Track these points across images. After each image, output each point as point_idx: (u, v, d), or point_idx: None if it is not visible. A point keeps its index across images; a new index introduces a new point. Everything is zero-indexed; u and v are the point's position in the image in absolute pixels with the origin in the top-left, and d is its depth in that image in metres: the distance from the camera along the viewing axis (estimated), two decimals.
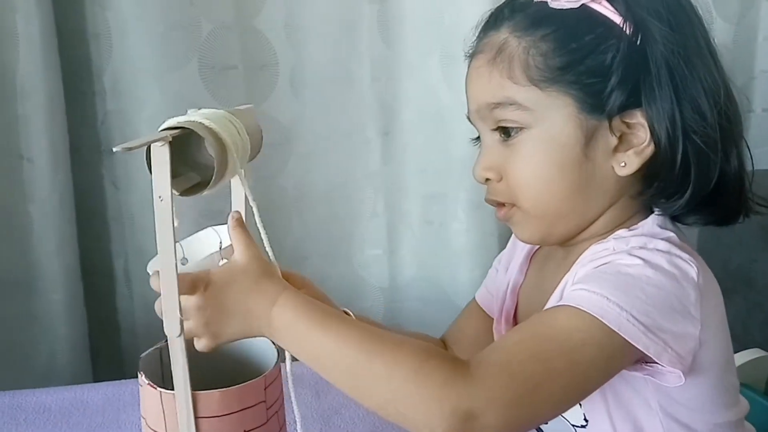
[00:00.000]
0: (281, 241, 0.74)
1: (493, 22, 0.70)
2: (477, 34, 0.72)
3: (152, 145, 0.54)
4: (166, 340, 0.65)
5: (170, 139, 0.54)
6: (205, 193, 0.61)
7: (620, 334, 0.58)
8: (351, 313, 0.74)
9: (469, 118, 0.72)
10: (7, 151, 1.08)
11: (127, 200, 1.16)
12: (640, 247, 0.63)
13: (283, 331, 0.59)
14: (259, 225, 0.62)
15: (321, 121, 1.21)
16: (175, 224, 0.56)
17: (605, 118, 0.64)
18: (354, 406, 0.91)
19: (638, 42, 0.64)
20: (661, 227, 0.67)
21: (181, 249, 0.65)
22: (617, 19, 0.64)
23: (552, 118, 0.65)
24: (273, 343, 0.66)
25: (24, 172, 1.08)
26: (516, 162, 0.67)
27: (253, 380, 0.61)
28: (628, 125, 0.65)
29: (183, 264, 0.63)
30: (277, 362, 0.64)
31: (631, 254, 0.62)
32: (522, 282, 0.79)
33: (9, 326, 1.13)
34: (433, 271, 1.28)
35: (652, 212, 0.69)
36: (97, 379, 1.17)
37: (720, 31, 1.23)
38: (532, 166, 0.66)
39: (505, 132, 0.67)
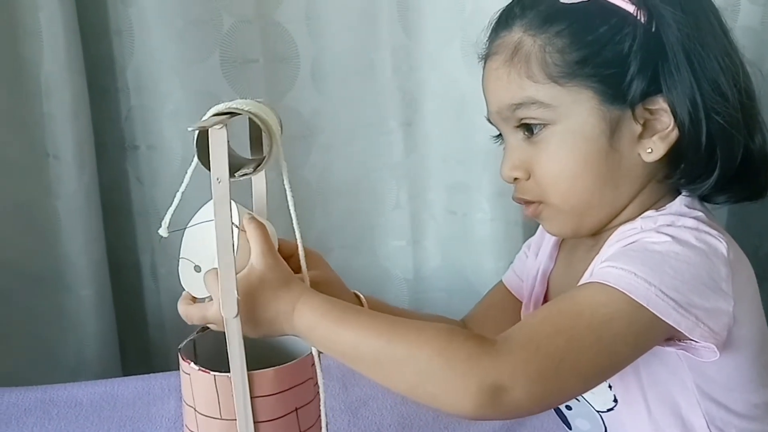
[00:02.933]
0: (305, 233, 0.75)
1: (504, 21, 0.69)
2: (488, 35, 0.72)
3: (211, 128, 0.55)
4: (200, 331, 0.66)
5: (227, 123, 0.56)
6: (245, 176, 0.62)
7: (649, 309, 0.58)
8: (362, 296, 0.74)
9: (489, 120, 0.72)
10: (33, 149, 1.09)
11: (152, 195, 1.17)
12: (668, 225, 0.63)
13: (308, 334, 0.60)
14: (292, 211, 0.62)
15: (343, 112, 1.21)
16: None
17: (628, 107, 0.65)
18: (381, 398, 0.91)
19: (653, 28, 0.64)
20: (688, 207, 0.67)
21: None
22: (630, 7, 0.64)
23: (575, 113, 0.65)
24: None
25: (50, 169, 1.09)
26: (542, 159, 0.67)
27: (303, 357, 0.62)
28: (650, 111, 0.65)
29: (197, 271, 0.63)
30: None
31: (658, 231, 0.62)
32: (552, 268, 0.79)
33: (38, 322, 1.15)
34: (457, 262, 1.27)
35: (680, 194, 0.68)
36: (125, 373, 1.19)
37: (747, 14, 1.21)
38: (559, 162, 0.67)
39: (529, 129, 0.68)
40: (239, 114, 0.59)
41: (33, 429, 0.89)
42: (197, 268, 0.63)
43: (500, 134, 0.73)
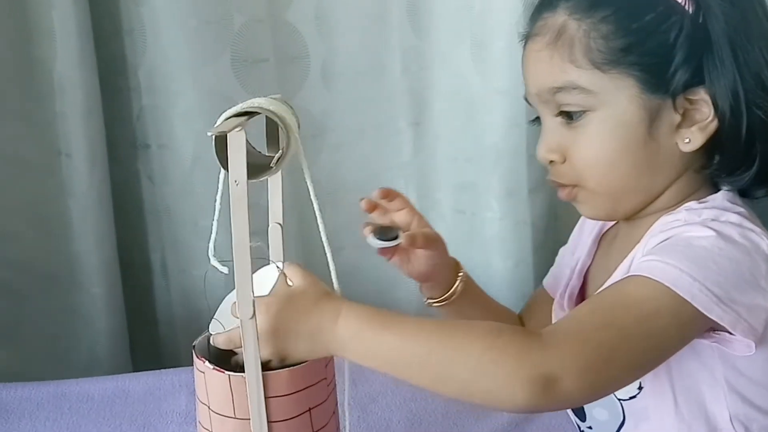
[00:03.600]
0: (315, 232, 0.76)
1: (548, 2, 0.69)
2: (531, 15, 0.72)
3: (230, 132, 0.56)
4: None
5: (245, 125, 0.57)
6: (264, 177, 0.63)
7: (693, 303, 0.59)
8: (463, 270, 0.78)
9: (526, 99, 0.72)
10: (46, 148, 1.10)
11: (162, 194, 1.17)
12: (712, 219, 0.64)
13: (352, 342, 0.60)
14: (316, 206, 0.64)
15: (352, 112, 1.21)
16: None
17: (669, 96, 0.65)
18: (391, 395, 0.92)
19: (700, 19, 0.64)
20: (731, 202, 0.67)
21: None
22: None
23: (615, 100, 0.65)
24: None
25: (62, 167, 1.10)
26: (580, 144, 0.68)
27: (317, 358, 0.63)
28: (690, 101, 0.65)
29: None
30: None
31: (703, 226, 0.62)
32: (590, 264, 0.80)
33: (50, 319, 1.16)
34: (465, 261, 1.26)
35: (719, 188, 0.69)
36: (136, 369, 1.19)
37: None
38: (597, 148, 0.67)
39: (568, 116, 0.68)
40: (257, 114, 0.60)
41: (45, 423, 0.90)
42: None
43: (537, 117, 0.73)
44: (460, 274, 0.80)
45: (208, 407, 0.62)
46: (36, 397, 0.95)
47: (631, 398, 0.71)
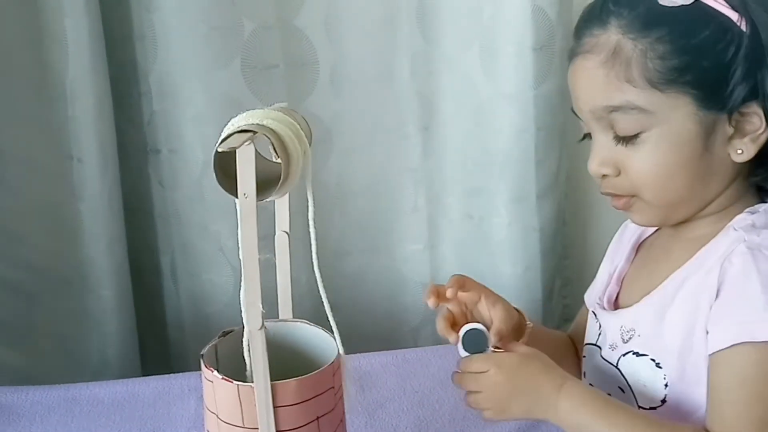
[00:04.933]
0: (323, 237, 0.76)
1: (598, 18, 0.69)
2: (577, 29, 0.71)
3: (239, 148, 0.56)
4: (221, 335, 0.67)
5: (254, 138, 0.57)
6: (270, 198, 0.63)
7: None
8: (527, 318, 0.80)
9: (574, 112, 0.73)
10: (58, 152, 1.11)
11: (173, 198, 1.18)
12: None
13: (569, 414, 0.67)
14: (311, 223, 0.63)
15: (361, 117, 1.22)
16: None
17: (725, 112, 0.66)
18: (398, 400, 0.92)
19: (753, 35, 0.64)
20: None
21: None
22: (732, 14, 0.64)
23: (672, 118, 0.66)
24: (328, 332, 0.68)
25: (74, 171, 1.11)
26: (636, 160, 0.68)
27: (325, 367, 0.63)
28: (741, 114, 0.66)
29: None
30: (338, 350, 0.66)
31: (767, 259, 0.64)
32: (627, 270, 0.81)
33: (61, 322, 1.17)
34: (474, 266, 1.28)
35: (763, 191, 0.71)
36: (145, 373, 1.20)
37: None
38: (654, 164, 0.68)
39: (624, 137, 0.68)
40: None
41: (56, 427, 0.91)
42: None
43: (587, 134, 0.73)
44: (528, 325, 0.81)
45: (217, 416, 0.62)
46: (47, 401, 0.96)
47: (651, 408, 0.72)
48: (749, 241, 0.66)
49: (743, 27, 0.64)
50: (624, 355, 0.74)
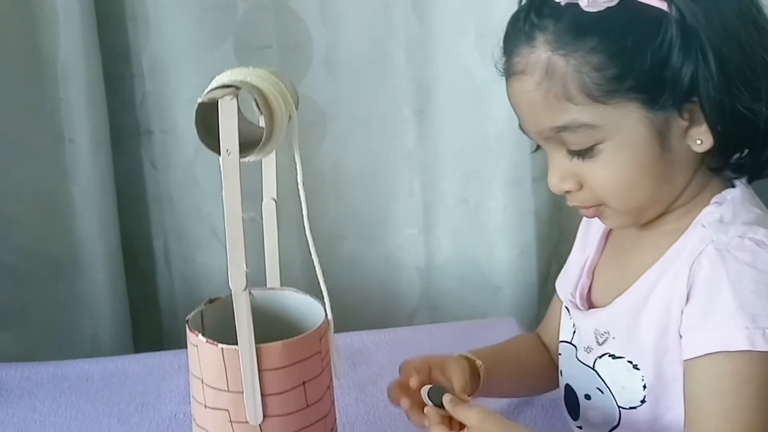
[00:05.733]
0: (317, 222, 0.75)
1: (522, 32, 0.65)
2: (504, 47, 0.68)
3: (221, 99, 0.55)
4: (208, 302, 0.67)
5: (238, 93, 0.55)
6: (253, 158, 0.62)
7: None
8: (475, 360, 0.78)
9: (522, 130, 0.70)
10: (50, 134, 1.10)
11: (166, 181, 1.18)
12: (741, 242, 0.64)
13: None
14: (302, 192, 0.62)
15: (356, 100, 1.21)
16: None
17: (675, 108, 0.63)
18: (389, 377, 0.91)
19: (684, 24, 0.61)
20: (750, 203, 0.67)
21: None
22: (659, 3, 0.62)
23: (623, 126, 0.64)
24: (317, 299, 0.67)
25: (66, 153, 1.11)
26: (596, 173, 0.66)
27: (311, 331, 0.62)
28: (692, 102, 0.63)
29: None
30: (326, 314, 0.65)
31: (737, 260, 0.63)
32: (598, 261, 0.79)
33: (54, 306, 1.16)
34: (469, 251, 1.27)
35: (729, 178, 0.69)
36: None
37: None
38: (614, 174, 0.66)
39: (578, 153, 0.66)
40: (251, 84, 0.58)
41: (45, 402, 0.90)
42: None
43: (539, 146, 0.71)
44: (479, 365, 0.79)
45: (202, 381, 0.62)
46: (35, 377, 0.95)
47: (631, 408, 0.71)
48: (717, 242, 0.64)
49: (674, 13, 0.61)
50: (600, 357, 0.72)
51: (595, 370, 0.73)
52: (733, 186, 0.69)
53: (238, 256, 0.57)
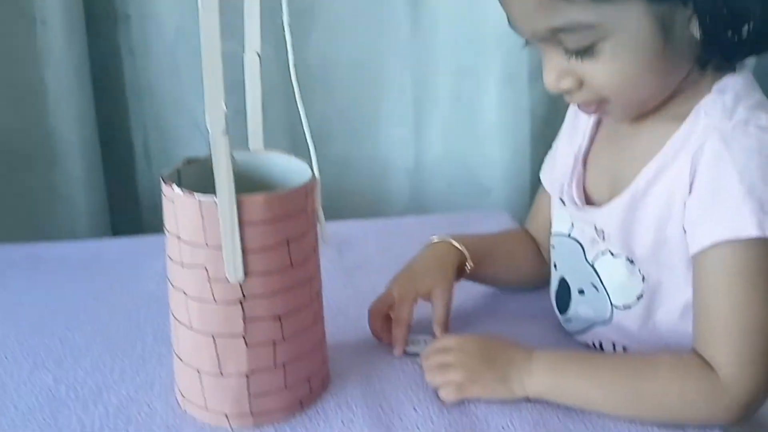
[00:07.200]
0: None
1: None
2: None
3: None
4: (185, 163, 0.62)
5: None
6: None
7: None
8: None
9: (512, 28, 0.66)
10: (20, 13, 1.04)
11: (145, 68, 1.12)
12: (745, 128, 0.62)
13: (546, 376, 0.65)
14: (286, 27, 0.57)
15: None
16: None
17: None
18: (377, 262, 0.89)
19: None
20: (750, 87, 0.65)
21: None
22: None
23: (625, 22, 0.60)
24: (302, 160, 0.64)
25: (38, 35, 1.05)
26: (597, 72, 0.63)
27: (297, 187, 0.59)
28: None
29: None
30: (313, 174, 0.62)
31: (742, 146, 0.61)
32: (591, 149, 0.76)
33: (29, 198, 1.12)
34: (460, 151, 1.23)
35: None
36: None
37: None
38: (617, 73, 0.63)
39: (577, 52, 0.63)
40: None
41: (18, 281, 0.87)
42: None
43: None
44: (467, 265, 0.79)
45: (178, 237, 0.58)
46: (8, 257, 0.92)
47: (626, 308, 0.70)
48: (721, 129, 0.62)
49: None
50: (602, 253, 0.71)
51: (594, 267, 0.72)
52: (734, 71, 0.66)
53: (216, 95, 0.53)
